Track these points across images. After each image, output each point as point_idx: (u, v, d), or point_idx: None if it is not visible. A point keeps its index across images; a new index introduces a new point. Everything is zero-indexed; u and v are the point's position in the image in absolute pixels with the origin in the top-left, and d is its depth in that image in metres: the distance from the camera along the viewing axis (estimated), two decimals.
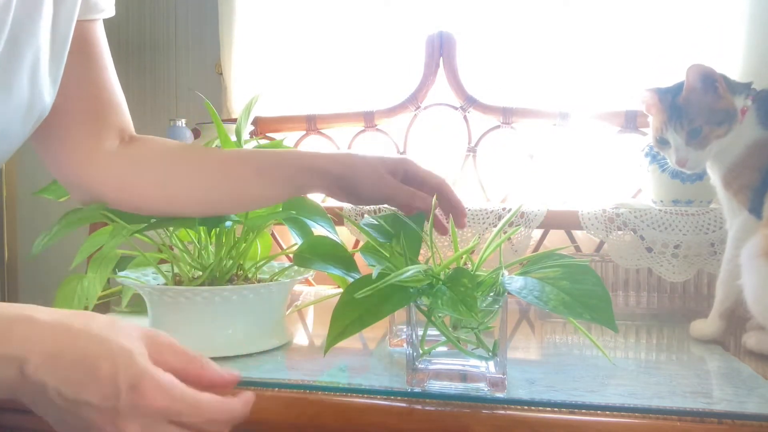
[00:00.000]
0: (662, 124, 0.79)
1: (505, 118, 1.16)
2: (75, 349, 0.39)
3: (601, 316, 0.51)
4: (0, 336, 0.38)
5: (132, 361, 0.39)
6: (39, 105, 0.59)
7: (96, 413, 0.39)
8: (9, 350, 0.38)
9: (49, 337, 0.39)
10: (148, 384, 0.39)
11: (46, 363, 0.38)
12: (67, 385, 0.38)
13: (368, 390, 0.59)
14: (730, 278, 0.76)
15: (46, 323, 0.39)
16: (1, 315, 0.40)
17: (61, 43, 0.61)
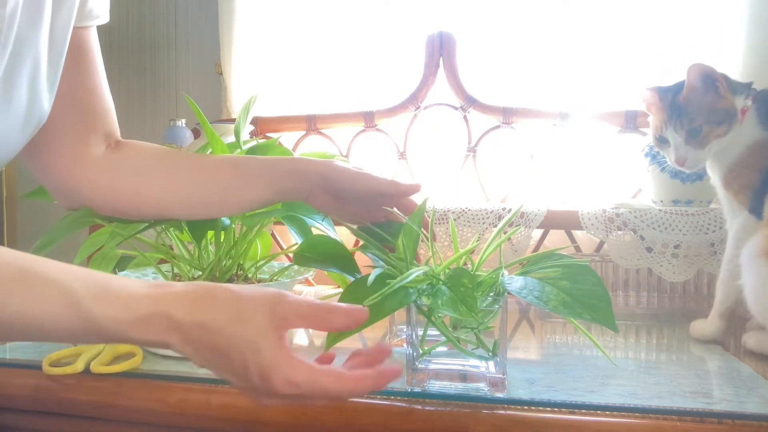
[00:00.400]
0: (662, 122, 0.79)
1: (505, 118, 1.16)
2: (209, 342, 0.43)
3: (601, 317, 0.51)
4: (143, 327, 0.43)
5: (259, 355, 0.42)
6: (38, 112, 0.60)
7: (238, 386, 0.45)
8: (155, 337, 0.44)
9: (186, 333, 0.43)
10: (275, 376, 0.42)
11: (188, 351, 0.44)
12: (209, 366, 0.44)
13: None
14: (730, 278, 0.76)
15: (180, 321, 0.43)
16: (136, 305, 0.43)
17: (59, 50, 0.61)
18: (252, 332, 0.43)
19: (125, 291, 0.44)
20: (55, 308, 0.42)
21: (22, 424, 0.67)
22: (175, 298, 0.44)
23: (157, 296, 0.44)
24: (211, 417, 0.60)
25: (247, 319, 0.43)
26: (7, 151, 0.59)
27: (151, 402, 0.62)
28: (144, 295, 0.44)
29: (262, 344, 0.43)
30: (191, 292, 0.45)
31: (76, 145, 0.67)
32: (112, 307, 0.43)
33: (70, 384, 0.64)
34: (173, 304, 0.44)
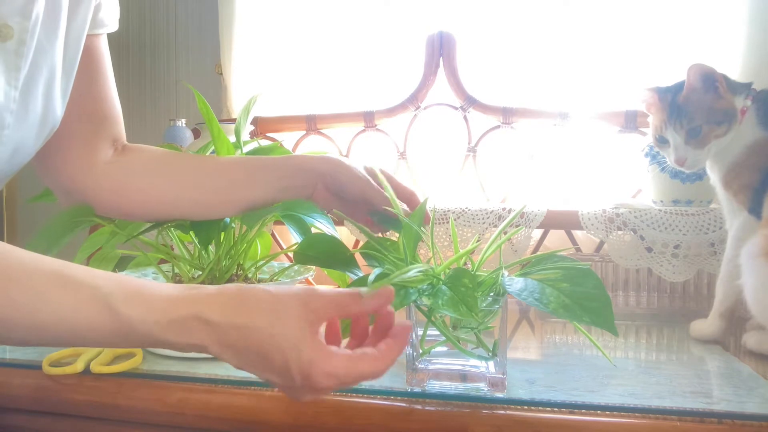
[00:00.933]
0: (662, 122, 0.79)
1: (505, 118, 1.16)
2: (248, 344, 0.43)
3: (601, 320, 0.51)
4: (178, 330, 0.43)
5: (299, 354, 0.43)
6: (51, 119, 0.61)
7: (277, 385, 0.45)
8: (192, 340, 0.44)
9: (223, 332, 0.43)
10: (316, 371, 0.43)
11: (225, 353, 0.44)
12: (249, 368, 0.45)
13: (368, 390, 0.59)
14: (730, 278, 0.76)
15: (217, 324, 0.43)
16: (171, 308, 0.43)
17: (72, 59, 0.62)
18: (291, 331, 0.43)
19: (160, 294, 0.44)
20: (90, 311, 0.43)
21: (22, 424, 0.67)
22: (210, 300, 0.44)
23: (193, 298, 0.44)
24: (211, 417, 0.60)
25: (285, 318, 0.44)
26: (22, 157, 0.60)
27: (151, 402, 0.62)
28: (179, 298, 0.44)
29: (301, 343, 0.43)
30: (226, 293, 0.45)
31: (84, 151, 0.68)
32: (147, 310, 0.43)
33: (70, 384, 0.64)
34: (209, 306, 0.44)
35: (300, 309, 0.44)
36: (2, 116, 0.54)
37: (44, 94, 0.59)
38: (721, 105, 0.75)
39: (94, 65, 0.68)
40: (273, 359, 0.43)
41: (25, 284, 0.42)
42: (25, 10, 0.53)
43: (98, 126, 0.69)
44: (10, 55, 0.54)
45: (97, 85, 0.69)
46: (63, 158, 0.68)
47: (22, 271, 0.42)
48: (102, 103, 0.69)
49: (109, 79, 0.70)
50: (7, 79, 0.54)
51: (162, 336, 0.43)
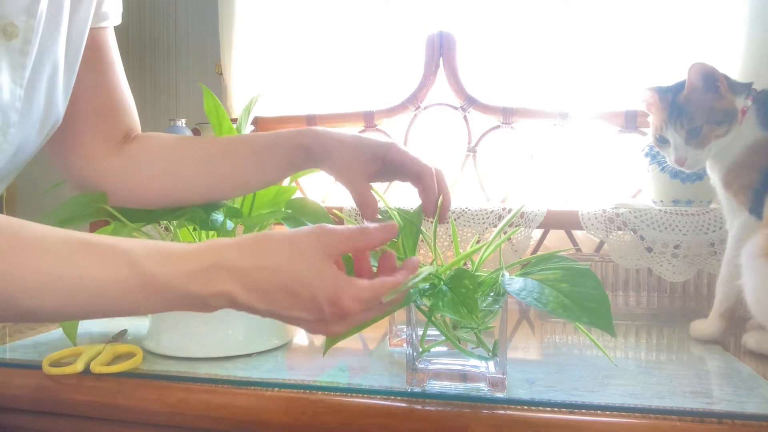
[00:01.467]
0: (662, 122, 0.79)
1: (505, 118, 1.16)
2: (273, 283, 0.45)
3: (600, 320, 0.51)
4: (204, 279, 0.44)
5: (323, 283, 0.45)
6: (54, 115, 0.61)
7: (306, 322, 0.47)
8: (217, 289, 0.44)
9: (247, 274, 0.44)
10: (343, 297, 0.45)
11: (251, 297, 0.45)
12: (277, 309, 0.45)
13: (368, 390, 0.59)
14: (730, 278, 0.76)
15: (239, 264, 0.44)
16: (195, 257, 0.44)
17: (75, 54, 0.63)
18: (312, 264, 0.45)
19: (180, 249, 0.45)
20: (116, 270, 0.43)
21: (22, 424, 0.67)
22: (229, 248, 0.45)
23: (211, 248, 0.45)
24: (211, 417, 0.60)
25: (303, 253, 0.45)
26: (26, 154, 0.60)
27: (151, 402, 0.62)
28: (198, 249, 0.45)
29: (323, 273, 0.45)
30: (244, 242, 0.46)
31: (98, 143, 0.69)
32: (170, 263, 0.44)
33: (70, 384, 0.64)
34: (229, 253, 0.45)
35: (316, 244, 0.46)
36: (8, 115, 0.54)
37: (47, 90, 0.59)
38: (721, 105, 0.75)
39: (102, 58, 0.68)
40: (299, 294, 0.45)
41: (50, 252, 0.43)
42: (30, 9, 0.53)
43: (111, 118, 0.70)
44: (15, 54, 0.54)
45: (107, 78, 0.69)
46: (76, 151, 0.68)
47: (45, 241, 0.43)
48: (113, 95, 0.70)
49: (119, 71, 0.71)
50: (13, 77, 0.54)
51: (186, 288, 0.44)
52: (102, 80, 0.68)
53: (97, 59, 0.68)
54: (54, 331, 0.86)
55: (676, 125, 0.77)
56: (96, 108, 0.68)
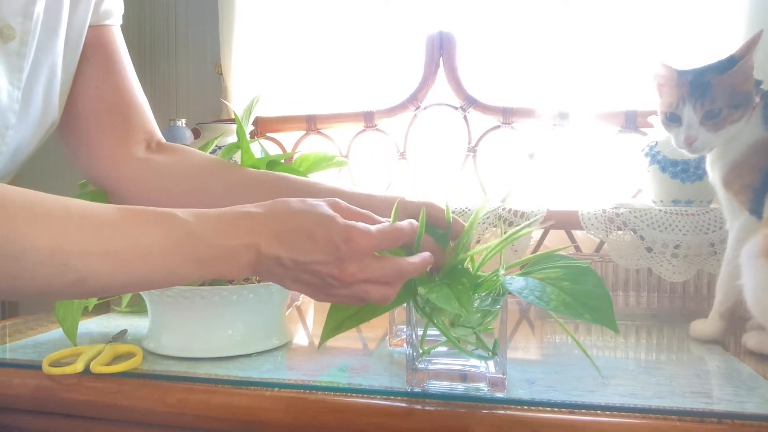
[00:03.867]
0: (678, 99, 0.76)
1: (505, 118, 1.16)
2: (291, 226, 0.49)
3: (602, 317, 0.51)
4: (232, 231, 0.48)
5: (336, 223, 0.49)
6: (51, 116, 0.61)
7: (325, 266, 0.49)
8: (244, 240, 0.48)
9: (269, 223, 0.49)
10: (355, 233, 0.48)
11: (273, 241, 0.48)
12: (297, 253, 0.48)
13: (368, 390, 0.59)
14: (730, 279, 0.76)
15: (261, 214, 0.49)
16: (225, 214, 0.49)
17: (73, 53, 0.62)
18: (324, 212, 0.49)
19: (211, 211, 0.49)
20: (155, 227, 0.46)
21: (22, 424, 0.67)
22: (252, 206, 0.50)
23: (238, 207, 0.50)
24: (211, 417, 0.60)
25: (316, 206, 0.50)
26: (23, 155, 0.60)
27: (151, 402, 0.62)
28: (227, 209, 0.49)
29: (335, 218, 0.49)
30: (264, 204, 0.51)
31: (113, 144, 0.68)
32: (204, 219, 0.48)
33: (70, 384, 0.64)
34: (253, 208, 0.50)
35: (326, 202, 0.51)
36: (6, 117, 0.54)
37: (45, 92, 0.59)
38: (744, 87, 0.73)
39: (109, 57, 0.68)
40: (316, 234, 0.48)
41: (96, 218, 0.44)
42: (26, 11, 0.53)
43: (123, 117, 0.69)
44: (12, 56, 0.54)
45: (114, 76, 0.68)
46: (91, 153, 0.68)
47: (90, 209, 0.45)
48: (123, 93, 0.69)
49: (128, 70, 0.70)
50: (10, 80, 0.54)
51: (218, 240, 0.47)
52: (111, 78, 0.68)
53: (103, 57, 0.67)
54: (54, 331, 0.86)
55: (696, 104, 0.74)
56: (107, 106, 0.67)
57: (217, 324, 0.70)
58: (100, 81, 0.67)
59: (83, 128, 0.65)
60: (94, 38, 0.65)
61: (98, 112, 0.66)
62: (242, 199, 0.66)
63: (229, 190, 0.69)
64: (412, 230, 0.53)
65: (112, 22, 0.69)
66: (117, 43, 0.69)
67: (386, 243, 0.51)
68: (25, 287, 0.42)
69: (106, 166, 0.68)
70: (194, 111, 1.41)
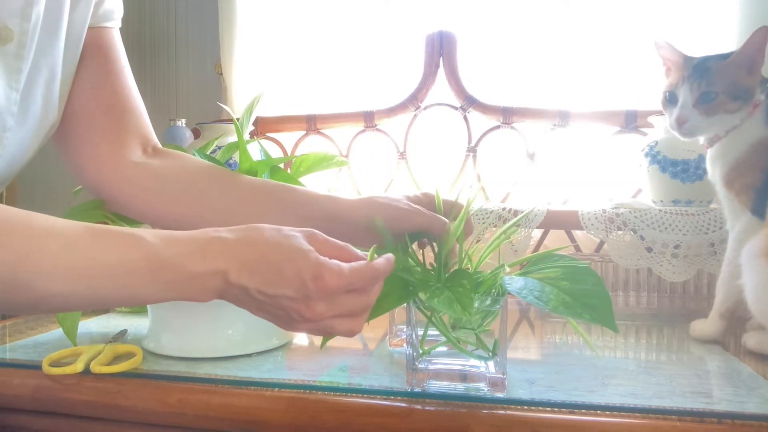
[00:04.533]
0: (679, 79, 0.77)
1: (505, 118, 1.16)
2: (261, 257, 0.47)
3: (602, 317, 0.51)
4: (200, 257, 0.47)
5: (308, 259, 0.47)
6: (51, 119, 0.60)
7: (291, 301, 0.48)
8: (212, 266, 0.47)
9: (239, 251, 0.47)
10: (326, 272, 0.47)
11: (242, 270, 0.47)
12: (265, 285, 0.47)
13: (368, 390, 0.59)
14: (730, 279, 0.76)
15: (233, 240, 0.48)
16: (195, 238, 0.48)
17: (73, 55, 0.62)
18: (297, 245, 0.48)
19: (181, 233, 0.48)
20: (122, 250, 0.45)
21: (22, 424, 0.67)
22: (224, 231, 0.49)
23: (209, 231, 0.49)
24: (211, 417, 0.60)
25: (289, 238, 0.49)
26: (23, 157, 0.60)
27: (151, 402, 0.62)
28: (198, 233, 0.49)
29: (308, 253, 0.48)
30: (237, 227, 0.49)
31: (108, 147, 0.67)
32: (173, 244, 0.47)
33: (70, 384, 0.64)
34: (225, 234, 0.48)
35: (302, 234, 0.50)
36: (4, 119, 0.54)
37: (44, 94, 0.58)
38: (746, 82, 0.73)
39: (107, 59, 0.67)
40: (285, 269, 0.47)
41: (61, 237, 0.44)
42: (24, 12, 0.53)
43: (119, 120, 0.68)
44: (10, 58, 0.53)
45: (112, 78, 0.68)
46: (86, 156, 0.67)
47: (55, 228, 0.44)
48: (120, 96, 0.68)
49: (125, 72, 0.69)
50: (8, 81, 0.54)
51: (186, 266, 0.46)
52: (108, 80, 0.67)
53: (102, 59, 0.67)
54: (54, 331, 0.86)
55: (693, 85, 0.75)
56: (103, 108, 0.67)
57: (217, 324, 0.70)
58: (97, 83, 0.66)
59: (79, 131, 0.65)
60: (93, 40, 0.64)
61: (94, 114, 0.66)
62: (237, 206, 0.67)
63: (224, 196, 0.67)
64: (388, 267, 0.51)
65: (112, 24, 0.68)
66: (116, 46, 0.69)
67: (359, 283, 0.49)
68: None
69: (101, 170, 0.67)
70: (194, 111, 1.41)
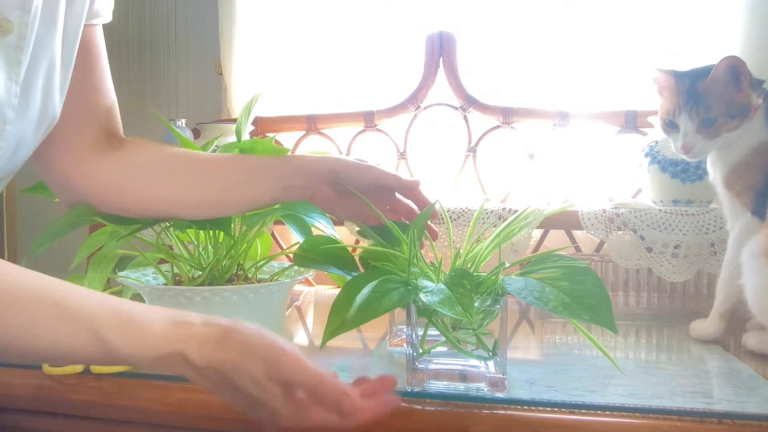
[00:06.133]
0: (675, 107, 0.77)
1: (505, 118, 1.16)
2: (221, 381, 0.46)
3: (601, 317, 0.51)
4: (162, 365, 0.46)
5: (265, 403, 0.46)
6: (51, 112, 0.60)
7: (255, 413, 0.48)
8: (172, 371, 0.47)
9: (199, 372, 0.46)
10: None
11: (202, 382, 0.47)
12: (224, 398, 0.48)
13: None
14: (731, 279, 0.76)
15: (195, 362, 0.46)
16: (159, 351, 0.46)
17: (70, 49, 0.62)
18: (254, 387, 0.46)
19: (148, 329, 0.47)
20: (83, 342, 0.45)
21: (22, 424, 0.67)
22: (191, 340, 0.47)
23: (176, 337, 0.47)
24: (211, 417, 0.60)
25: (246, 374, 0.46)
26: (24, 152, 0.60)
27: (151, 402, 0.62)
28: (165, 335, 0.47)
29: (267, 396, 0.46)
30: (209, 336, 0.47)
31: (79, 143, 0.68)
32: (135, 345, 0.46)
33: (70, 384, 0.64)
34: (189, 347, 0.46)
35: (263, 365, 0.46)
36: (4, 111, 0.54)
37: (44, 87, 0.58)
38: (739, 99, 0.74)
39: (89, 56, 0.67)
40: (245, 392, 0.46)
41: (23, 314, 0.44)
42: (24, 4, 0.53)
43: (93, 118, 0.68)
44: (11, 50, 0.53)
45: (93, 77, 0.68)
46: (57, 151, 0.67)
47: (19, 300, 0.44)
48: (96, 94, 0.69)
49: (105, 70, 0.70)
50: (8, 73, 0.54)
51: (149, 367, 0.47)
52: (88, 79, 0.67)
53: (85, 57, 0.66)
54: None
55: (691, 112, 0.75)
56: (80, 107, 0.67)
57: None
58: (77, 80, 0.65)
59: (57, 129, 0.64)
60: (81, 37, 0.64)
61: (70, 111, 0.65)
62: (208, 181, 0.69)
63: (194, 174, 0.69)
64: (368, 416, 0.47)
65: (99, 21, 0.68)
66: (98, 43, 0.69)
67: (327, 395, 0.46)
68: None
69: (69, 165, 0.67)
70: (194, 111, 1.41)
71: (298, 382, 0.46)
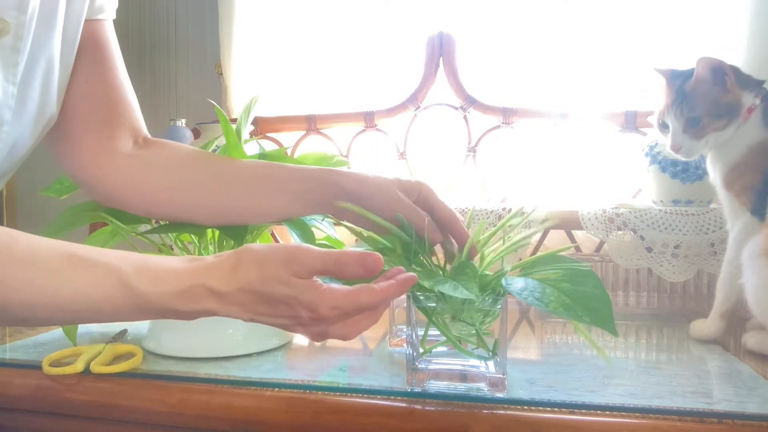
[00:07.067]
0: (666, 107, 0.78)
1: (505, 118, 1.16)
2: (252, 300, 0.47)
3: (601, 319, 0.51)
4: (189, 300, 0.47)
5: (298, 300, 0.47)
6: (48, 112, 0.60)
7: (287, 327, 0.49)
8: (199, 306, 0.47)
9: (227, 298, 0.47)
10: (320, 307, 0.47)
11: (232, 311, 0.48)
12: (258, 319, 0.49)
13: (368, 390, 0.59)
14: (731, 279, 0.76)
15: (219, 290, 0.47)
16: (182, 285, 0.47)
17: (70, 48, 0.62)
18: (283, 283, 0.47)
19: (165, 267, 0.48)
20: (106, 287, 0.46)
21: (22, 424, 0.67)
22: (210, 270, 0.48)
23: (195, 270, 0.48)
24: (211, 417, 0.60)
25: (272, 278, 0.47)
26: (21, 152, 0.60)
27: (151, 402, 0.62)
28: (183, 270, 0.48)
29: (296, 291, 0.47)
30: (223, 263, 0.48)
31: (100, 141, 0.67)
32: (157, 282, 0.47)
33: (70, 384, 0.64)
34: (210, 276, 0.47)
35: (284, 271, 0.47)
36: (1, 113, 0.54)
37: (42, 87, 0.58)
38: (726, 99, 0.74)
39: (101, 52, 0.67)
40: (278, 307, 0.47)
41: (43, 267, 0.44)
42: (21, 4, 0.53)
43: (111, 115, 0.67)
44: (7, 51, 0.53)
45: (105, 71, 0.67)
46: (78, 149, 0.66)
47: (38, 255, 0.45)
48: (112, 89, 0.68)
49: (119, 66, 0.69)
50: (5, 75, 0.53)
51: (173, 305, 0.47)
52: (101, 73, 0.67)
53: (96, 54, 0.66)
54: (54, 331, 0.86)
55: (677, 112, 0.77)
56: (95, 102, 0.66)
57: (217, 324, 0.70)
58: (91, 76, 0.65)
59: (71, 124, 0.64)
60: (87, 33, 0.64)
61: (87, 107, 0.65)
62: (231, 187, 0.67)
63: (216, 179, 0.68)
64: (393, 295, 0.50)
65: (105, 17, 0.68)
66: (109, 39, 0.68)
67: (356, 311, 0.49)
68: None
69: (92, 162, 0.67)
70: (194, 111, 1.41)
71: (320, 265, 0.47)
